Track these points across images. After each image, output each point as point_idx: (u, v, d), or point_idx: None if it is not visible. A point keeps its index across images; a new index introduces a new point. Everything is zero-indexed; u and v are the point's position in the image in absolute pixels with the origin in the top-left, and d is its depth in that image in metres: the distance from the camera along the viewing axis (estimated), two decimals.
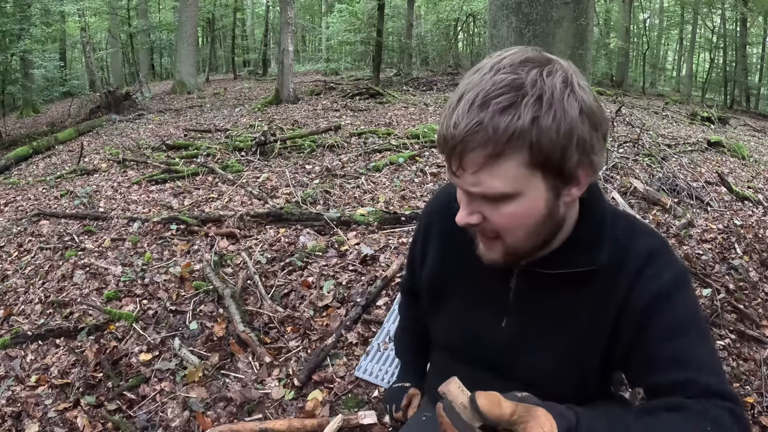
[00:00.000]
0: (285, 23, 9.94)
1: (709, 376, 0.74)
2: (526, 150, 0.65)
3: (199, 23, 17.83)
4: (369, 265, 2.95)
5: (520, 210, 0.71)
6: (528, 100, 0.64)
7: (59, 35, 19.50)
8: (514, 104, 0.64)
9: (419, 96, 10.71)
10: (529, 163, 0.66)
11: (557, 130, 0.64)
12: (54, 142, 7.95)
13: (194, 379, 2.20)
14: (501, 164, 0.66)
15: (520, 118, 0.63)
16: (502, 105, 0.64)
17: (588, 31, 2.29)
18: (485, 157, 0.66)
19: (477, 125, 0.64)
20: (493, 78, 0.65)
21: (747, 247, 3.34)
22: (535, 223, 0.74)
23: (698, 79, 23.26)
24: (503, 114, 0.63)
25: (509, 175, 0.67)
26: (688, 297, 0.81)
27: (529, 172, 0.67)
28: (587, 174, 0.72)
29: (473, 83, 0.67)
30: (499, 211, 0.71)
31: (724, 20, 20.24)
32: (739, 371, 2.21)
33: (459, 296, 0.96)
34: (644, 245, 0.82)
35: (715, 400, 0.71)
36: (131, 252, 3.38)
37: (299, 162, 5.43)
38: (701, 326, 0.79)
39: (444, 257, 0.99)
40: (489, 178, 0.67)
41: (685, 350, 0.76)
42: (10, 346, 2.56)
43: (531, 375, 0.89)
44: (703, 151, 6.68)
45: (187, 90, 13.43)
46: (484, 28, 17.72)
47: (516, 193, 0.69)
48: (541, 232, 0.76)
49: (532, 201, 0.70)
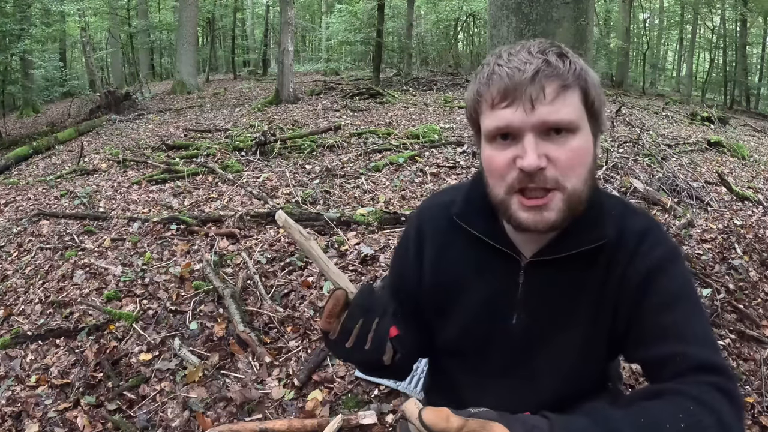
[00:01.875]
0: (285, 23, 9.94)
1: (700, 349, 0.75)
2: (581, 90, 0.77)
3: (199, 23, 17.84)
4: (369, 265, 2.95)
5: (582, 143, 0.77)
6: (571, 57, 0.77)
7: (59, 35, 19.49)
8: (565, 55, 0.77)
9: (419, 96, 10.71)
10: (582, 101, 0.78)
11: (594, 83, 0.78)
12: (54, 142, 7.95)
13: (194, 379, 2.20)
14: (570, 95, 0.76)
15: (575, 64, 0.77)
16: (557, 53, 0.77)
17: (588, 31, 2.29)
18: (559, 87, 0.75)
19: (546, 64, 0.74)
20: (535, 41, 0.79)
21: (747, 247, 3.34)
22: (590, 166, 0.79)
23: (698, 79, 23.25)
24: (561, 59, 0.76)
25: (576, 105, 0.77)
26: (681, 270, 0.83)
27: (582, 111, 0.78)
28: (599, 140, 0.84)
29: (513, 47, 0.78)
30: (566, 146, 0.76)
31: (724, 20, 20.23)
32: (739, 371, 2.21)
33: (465, 304, 0.94)
34: (638, 224, 0.86)
35: (703, 376, 0.72)
36: (131, 252, 3.38)
37: (299, 162, 5.43)
38: (694, 299, 0.82)
39: (442, 270, 0.95)
40: (563, 106, 0.75)
41: (678, 322, 0.78)
42: (10, 346, 2.56)
43: (544, 371, 0.89)
44: (703, 151, 6.68)
45: (187, 90, 13.43)
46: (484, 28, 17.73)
47: (578, 125, 0.77)
48: (591, 179, 0.81)
49: (587, 137, 0.79)
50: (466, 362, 0.98)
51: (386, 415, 1.97)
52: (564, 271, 0.85)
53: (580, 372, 0.89)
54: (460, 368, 1.00)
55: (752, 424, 1.93)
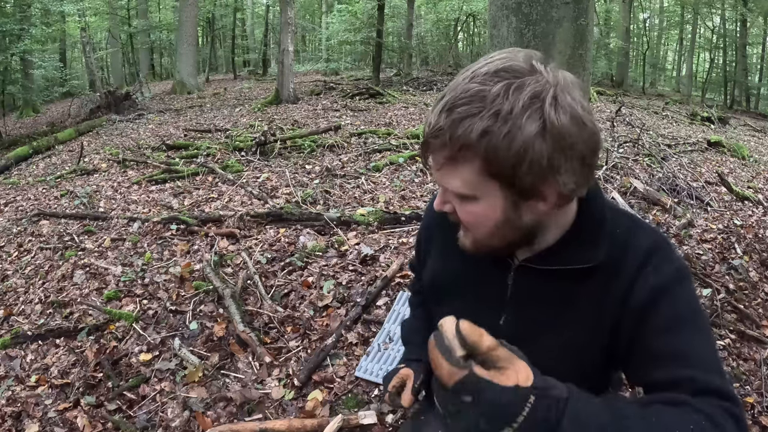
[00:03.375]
0: (285, 23, 9.94)
1: (708, 374, 0.73)
2: (480, 159, 0.67)
3: (199, 23, 17.84)
4: (369, 265, 2.95)
5: (479, 211, 0.75)
6: (484, 114, 0.65)
7: (59, 35, 19.47)
8: (471, 116, 0.65)
9: (419, 96, 10.71)
10: (483, 171, 0.69)
11: (507, 147, 0.65)
12: (54, 142, 7.95)
13: (194, 379, 2.20)
14: (458, 167, 0.70)
15: (472, 131, 0.65)
16: (461, 115, 0.66)
17: (588, 31, 2.29)
18: (444, 159, 0.70)
19: (438, 130, 0.68)
20: (466, 85, 0.67)
21: (747, 247, 3.34)
22: (495, 226, 0.76)
23: (698, 79, 23.25)
24: (461, 123, 0.66)
25: (465, 179, 0.71)
26: (688, 291, 0.80)
27: (484, 180, 0.70)
28: (559, 191, 0.71)
29: (452, 87, 0.70)
30: (462, 208, 0.76)
31: (724, 20, 20.23)
32: (739, 371, 2.21)
33: (457, 297, 0.97)
34: (644, 242, 0.82)
35: (713, 399, 0.71)
36: (131, 252, 3.38)
37: (299, 162, 5.43)
38: (701, 321, 0.79)
39: (443, 260, 1.00)
40: (449, 178, 0.72)
41: (685, 346, 0.75)
42: (10, 346, 2.56)
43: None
44: (703, 151, 6.68)
45: (187, 90, 13.43)
46: (484, 28, 17.73)
47: (473, 195, 0.73)
48: (503, 234, 0.78)
49: (489, 206, 0.73)
50: None
51: (386, 415, 1.97)
52: (552, 281, 0.84)
53: (571, 377, 0.89)
54: None
55: (752, 424, 1.93)
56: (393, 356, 2.23)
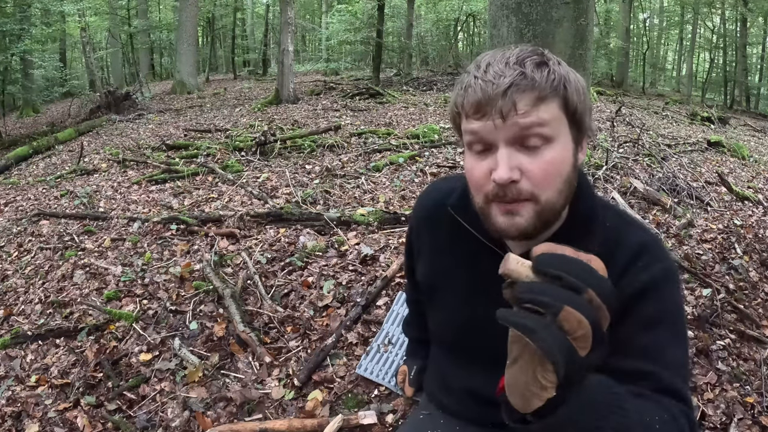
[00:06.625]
0: (285, 23, 9.94)
1: (674, 377, 0.77)
2: (560, 98, 0.76)
3: (199, 23, 17.83)
4: (369, 265, 2.95)
5: (557, 155, 0.77)
6: (553, 64, 0.77)
7: (59, 35, 19.46)
8: (545, 63, 0.76)
9: (419, 96, 10.70)
10: (563, 108, 0.77)
11: (576, 89, 0.77)
12: (54, 142, 7.95)
13: (194, 379, 2.20)
14: (545, 105, 0.75)
15: (554, 73, 0.76)
16: (536, 62, 0.76)
17: (588, 31, 2.29)
18: (533, 99, 0.74)
19: (522, 75, 0.74)
20: (516, 49, 0.78)
21: (747, 247, 3.34)
22: (567, 175, 0.79)
23: (698, 79, 23.25)
24: (539, 68, 0.75)
25: (552, 116, 0.76)
26: (675, 292, 0.83)
27: (562, 117, 0.77)
28: (585, 143, 0.84)
29: (494, 56, 0.77)
30: (539, 159, 0.76)
31: (724, 20, 20.23)
32: (739, 371, 2.21)
33: (451, 292, 0.98)
34: (635, 239, 0.85)
35: (672, 400, 0.74)
36: (131, 252, 3.38)
37: (299, 162, 5.43)
38: (680, 325, 0.82)
39: (435, 257, 1.01)
40: (538, 116, 0.75)
41: (659, 344, 0.78)
42: (10, 346, 2.56)
43: None
44: (703, 151, 6.68)
45: (187, 90, 13.43)
46: (484, 28, 17.72)
47: (554, 136, 0.77)
48: (566, 196, 0.81)
49: (564, 147, 0.78)
50: (450, 351, 1.03)
51: (386, 415, 1.97)
52: None
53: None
54: (445, 356, 1.05)
55: (752, 424, 1.93)
56: (393, 356, 2.23)
